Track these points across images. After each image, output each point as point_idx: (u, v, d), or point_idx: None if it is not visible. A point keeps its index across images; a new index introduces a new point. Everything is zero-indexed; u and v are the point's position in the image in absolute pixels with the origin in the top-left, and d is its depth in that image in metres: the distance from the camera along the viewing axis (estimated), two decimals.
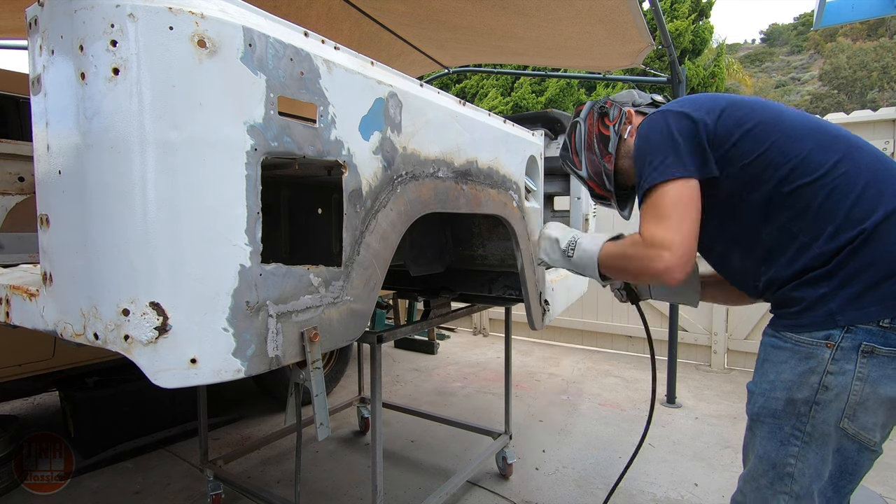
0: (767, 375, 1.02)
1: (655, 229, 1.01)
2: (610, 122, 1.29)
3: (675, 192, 1.02)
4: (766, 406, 1.01)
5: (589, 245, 1.27)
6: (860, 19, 3.83)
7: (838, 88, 32.27)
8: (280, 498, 1.93)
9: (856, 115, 3.73)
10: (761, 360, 1.06)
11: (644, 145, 1.09)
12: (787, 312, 1.00)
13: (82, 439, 2.52)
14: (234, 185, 0.72)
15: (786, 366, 0.98)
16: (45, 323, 0.82)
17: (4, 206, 1.54)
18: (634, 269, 1.08)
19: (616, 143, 1.27)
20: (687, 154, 1.03)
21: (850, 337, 0.91)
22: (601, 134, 1.31)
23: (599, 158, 1.31)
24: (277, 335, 0.79)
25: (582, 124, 1.36)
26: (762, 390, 1.02)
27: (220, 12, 0.71)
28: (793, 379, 0.97)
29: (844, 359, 0.91)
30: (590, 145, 1.33)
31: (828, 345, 0.93)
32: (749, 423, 1.07)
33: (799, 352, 0.96)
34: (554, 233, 1.43)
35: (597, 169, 1.33)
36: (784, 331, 1.00)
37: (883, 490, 2.26)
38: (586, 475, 2.43)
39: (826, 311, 0.93)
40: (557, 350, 4.84)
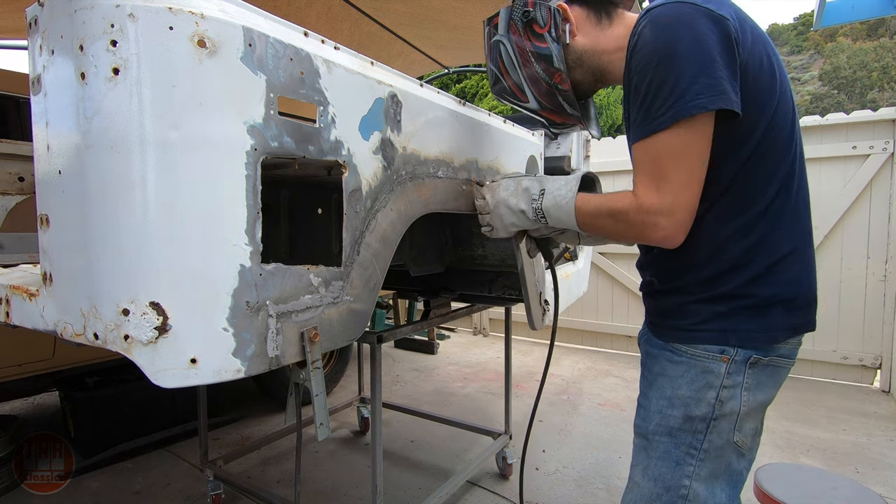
0: (663, 391, 0.94)
1: (655, 194, 0.83)
2: (541, 28, 1.00)
3: (689, 136, 0.81)
4: (661, 424, 0.94)
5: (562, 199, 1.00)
6: (860, 19, 3.83)
7: (838, 88, 32.26)
8: (280, 498, 1.93)
9: (856, 115, 3.73)
10: (655, 373, 0.97)
11: (660, 58, 0.80)
12: (677, 324, 0.93)
13: (82, 439, 2.52)
14: (234, 185, 0.72)
15: (681, 380, 0.92)
16: (45, 323, 0.82)
17: (4, 206, 1.54)
18: (627, 235, 0.91)
19: (561, 53, 1.00)
20: (726, 75, 0.79)
21: (743, 352, 0.88)
22: (537, 49, 1.02)
23: (548, 80, 1.03)
24: (277, 335, 0.79)
25: (506, 42, 1.06)
26: (658, 407, 0.95)
27: (220, 12, 0.71)
28: (690, 395, 0.91)
29: (737, 372, 0.89)
30: (528, 67, 1.04)
31: (723, 359, 0.89)
32: (640, 441, 0.99)
33: (695, 366, 0.91)
34: (513, 190, 1.10)
35: (549, 94, 1.06)
36: (676, 343, 0.94)
37: (883, 490, 2.26)
38: (586, 475, 2.43)
39: (720, 328, 0.89)
40: (557, 350, 4.84)
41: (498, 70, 1.10)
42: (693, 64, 0.78)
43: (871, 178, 3.63)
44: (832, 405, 3.35)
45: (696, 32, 0.79)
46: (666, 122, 0.81)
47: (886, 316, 3.61)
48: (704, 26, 0.79)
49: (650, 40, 0.82)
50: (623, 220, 0.89)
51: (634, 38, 0.85)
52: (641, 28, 0.84)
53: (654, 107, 0.82)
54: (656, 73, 0.81)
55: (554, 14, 0.99)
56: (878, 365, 3.66)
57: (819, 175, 3.80)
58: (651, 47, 0.82)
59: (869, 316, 3.69)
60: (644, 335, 1.06)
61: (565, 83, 1.03)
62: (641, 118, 0.84)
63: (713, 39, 0.79)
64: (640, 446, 0.99)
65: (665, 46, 0.80)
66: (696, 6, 0.80)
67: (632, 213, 0.87)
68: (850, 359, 3.74)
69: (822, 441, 2.82)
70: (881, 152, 3.59)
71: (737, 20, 0.83)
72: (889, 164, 3.59)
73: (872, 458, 2.60)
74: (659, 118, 0.81)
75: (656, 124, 0.82)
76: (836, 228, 3.77)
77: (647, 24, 0.83)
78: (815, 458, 2.62)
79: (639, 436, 0.99)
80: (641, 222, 0.86)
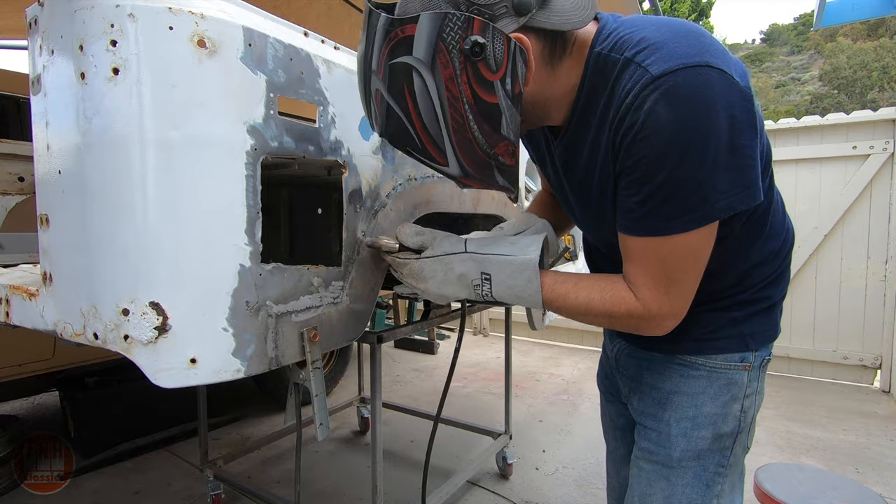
0: (684, 411, 0.85)
1: (664, 299, 0.72)
2: (493, 73, 0.63)
3: (708, 236, 0.70)
4: (688, 448, 0.84)
5: (521, 291, 0.80)
6: (860, 19, 3.84)
7: (838, 88, 32.29)
8: (280, 498, 1.93)
9: (856, 115, 3.73)
10: (666, 391, 0.87)
11: (684, 151, 0.62)
12: (688, 334, 0.84)
13: (82, 439, 2.52)
14: (234, 185, 0.72)
15: (704, 397, 0.84)
16: (45, 323, 0.82)
17: (4, 206, 1.54)
18: (616, 327, 0.80)
19: (516, 113, 0.67)
20: (754, 163, 0.66)
21: (758, 355, 0.85)
22: (479, 102, 0.65)
23: (487, 150, 0.69)
24: (277, 335, 0.79)
25: (426, 77, 0.64)
26: (681, 430, 0.85)
27: (220, 12, 0.71)
28: (717, 411, 0.83)
29: (754, 378, 0.85)
30: (460, 126, 0.67)
31: (745, 367, 0.84)
32: (657, 469, 0.87)
33: (717, 378, 0.84)
34: (442, 279, 0.85)
35: (482, 166, 0.72)
36: (688, 354, 0.85)
37: (883, 490, 2.26)
38: (586, 475, 2.42)
39: (739, 334, 0.84)
40: (557, 350, 4.84)
41: (402, 109, 0.67)
42: (723, 158, 0.63)
43: (871, 178, 3.63)
44: (832, 405, 3.35)
45: (726, 115, 0.62)
46: (687, 225, 0.67)
47: (886, 316, 3.61)
48: (736, 106, 0.62)
49: (666, 125, 0.62)
50: (622, 322, 0.77)
51: (637, 111, 0.64)
52: (651, 103, 0.62)
53: (669, 206, 0.66)
54: (676, 169, 0.63)
55: (514, 54, 0.63)
56: (878, 365, 3.66)
57: (819, 175, 3.80)
58: (669, 136, 0.62)
59: (869, 316, 3.69)
60: (626, 351, 0.97)
61: (512, 157, 0.71)
62: (645, 212, 0.68)
63: (742, 120, 0.63)
64: (657, 474, 0.87)
65: (688, 138, 0.62)
66: (722, 73, 0.62)
67: (636, 318, 0.75)
68: (850, 359, 3.74)
69: (822, 441, 2.81)
70: (881, 152, 3.59)
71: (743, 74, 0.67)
72: (889, 164, 3.59)
73: (872, 458, 2.60)
74: (677, 219, 0.66)
75: (673, 226, 0.67)
76: (836, 228, 3.77)
77: (660, 100, 0.62)
78: (815, 458, 2.62)
79: (655, 463, 0.87)
80: (646, 326, 0.76)
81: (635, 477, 0.91)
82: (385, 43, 0.64)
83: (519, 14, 0.64)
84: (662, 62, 0.62)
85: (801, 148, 3.87)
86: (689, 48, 0.63)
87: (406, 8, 0.65)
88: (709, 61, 0.62)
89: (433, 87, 0.64)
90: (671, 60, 0.62)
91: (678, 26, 0.67)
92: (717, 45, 0.66)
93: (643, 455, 0.90)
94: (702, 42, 0.64)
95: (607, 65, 0.69)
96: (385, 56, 0.64)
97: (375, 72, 0.67)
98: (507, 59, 0.63)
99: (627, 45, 0.67)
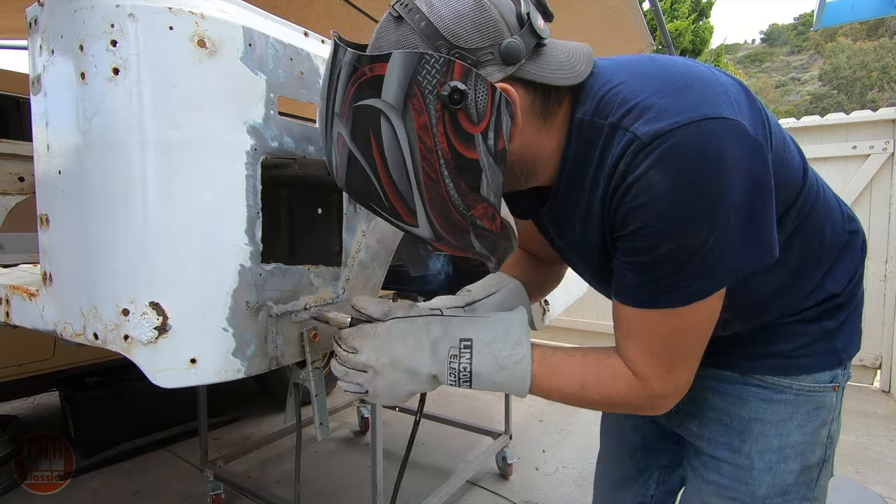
0: (768, 442, 0.75)
1: (667, 377, 0.65)
2: (474, 125, 0.55)
3: (711, 309, 0.63)
4: (775, 484, 0.75)
5: (509, 360, 0.68)
6: (860, 19, 3.84)
7: (838, 88, 32.28)
8: (280, 498, 1.93)
9: (856, 115, 3.73)
10: (744, 419, 0.77)
11: (685, 221, 0.56)
12: (775, 350, 0.75)
13: (82, 439, 2.52)
14: (234, 185, 0.72)
15: (790, 424, 0.74)
16: (45, 323, 0.82)
17: (4, 206, 1.54)
18: (614, 411, 0.74)
19: (499, 172, 0.59)
20: (766, 220, 0.60)
21: (846, 372, 0.77)
22: (457, 156, 0.56)
23: (462, 211, 0.60)
24: (277, 335, 0.79)
25: (394, 121, 0.55)
26: (766, 464, 0.75)
27: (220, 12, 0.71)
28: (805, 440, 0.74)
29: (840, 398, 0.77)
30: (433, 182, 0.57)
31: (833, 388, 0.75)
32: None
33: (805, 403, 0.74)
34: (414, 343, 0.69)
35: (456, 229, 0.62)
36: (771, 376, 0.75)
37: (883, 490, 2.26)
38: (586, 475, 2.42)
39: (831, 350, 0.74)
40: None
41: (368, 161, 0.57)
42: (730, 222, 0.56)
43: (871, 178, 3.63)
44: None
45: (731, 174, 0.55)
46: (691, 297, 0.60)
47: (886, 316, 3.61)
48: (740, 162, 0.55)
49: (665, 193, 0.55)
50: (620, 406, 0.68)
51: (631, 180, 0.57)
52: (645, 169, 0.56)
53: (674, 277, 0.59)
54: (681, 239, 0.57)
55: (498, 105, 0.56)
56: (878, 365, 3.66)
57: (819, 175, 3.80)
58: (669, 204, 0.55)
59: (869, 316, 3.68)
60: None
61: (492, 221, 0.62)
62: (646, 282, 0.62)
63: (751, 176, 0.57)
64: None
65: (691, 201, 0.55)
66: (724, 121, 0.55)
67: (635, 400, 0.67)
68: None
69: None
70: (881, 152, 3.59)
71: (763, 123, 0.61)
72: (889, 164, 3.59)
73: (872, 458, 2.60)
74: (682, 291, 0.60)
75: (675, 297, 0.61)
76: None
77: (655, 166, 0.55)
78: None
79: (731, 500, 0.78)
80: (648, 407, 0.68)
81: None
82: (351, 82, 0.55)
83: (507, 63, 0.57)
84: (651, 123, 0.56)
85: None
86: (680, 103, 0.56)
87: (378, 45, 0.58)
88: (706, 113, 0.55)
89: (403, 135, 0.55)
90: (661, 120, 0.55)
91: (663, 74, 0.60)
92: (715, 85, 0.59)
93: (714, 490, 0.80)
94: (693, 90, 0.57)
95: (592, 131, 0.62)
96: (350, 97, 0.55)
97: (338, 114, 0.57)
98: (490, 110, 0.55)
99: (610, 108, 0.60)
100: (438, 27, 0.55)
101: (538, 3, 0.61)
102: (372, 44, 0.59)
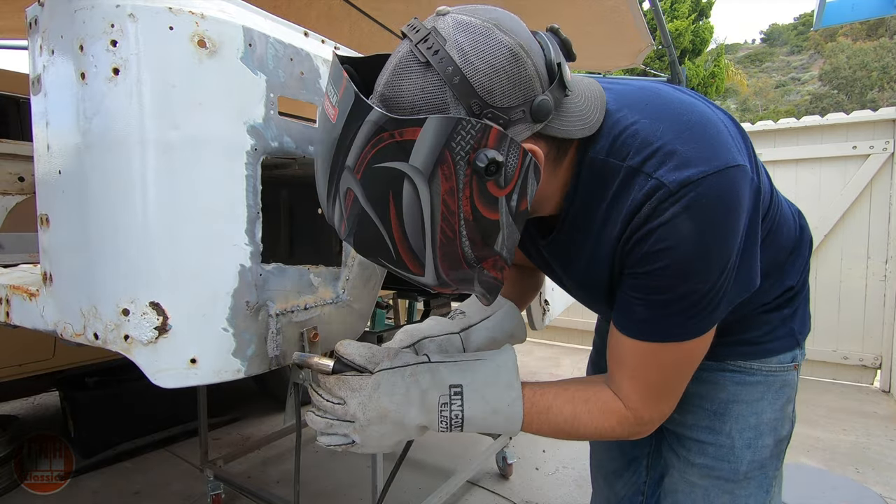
0: (745, 420, 0.82)
1: (655, 405, 0.68)
2: (501, 189, 0.54)
3: (705, 342, 0.67)
4: (755, 459, 0.82)
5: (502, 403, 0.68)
6: (860, 19, 3.84)
7: (838, 88, 32.29)
8: (280, 498, 1.93)
9: (856, 115, 3.72)
10: (723, 401, 0.83)
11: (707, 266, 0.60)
12: (743, 338, 0.82)
13: (82, 439, 2.52)
14: (234, 185, 0.72)
15: (763, 403, 0.82)
16: (45, 323, 0.82)
17: (4, 206, 1.54)
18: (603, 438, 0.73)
19: (516, 230, 0.59)
20: (753, 266, 0.67)
21: (802, 351, 0.84)
22: (479, 217, 0.55)
23: (472, 263, 0.59)
24: (277, 335, 0.79)
25: (418, 185, 0.52)
26: (745, 441, 0.81)
27: (220, 12, 0.71)
28: (776, 416, 0.82)
29: (798, 374, 0.85)
30: (448, 241, 0.55)
31: (794, 367, 0.83)
32: (720, 485, 0.83)
33: (774, 383, 0.82)
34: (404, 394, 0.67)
35: (464, 280, 0.61)
36: (743, 360, 0.82)
37: (883, 490, 2.26)
38: (586, 475, 2.41)
39: (789, 332, 0.82)
40: (557, 350, 4.84)
41: (382, 221, 0.54)
42: (738, 260, 0.62)
43: (871, 178, 3.63)
44: (832, 405, 3.35)
45: (740, 218, 0.60)
46: (702, 330, 0.65)
47: (886, 316, 3.61)
48: (751, 200, 0.62)
49: (692, 235, 0.58)
50: (609, 436, 0.70)
51: (658, 227, 0.58)
52: (672, 215, 0.57)
53: (685, 314, 0.63)
54: (700, 281, 0.60)
55: (527, 168, 0.55)
56: (878, 365, 3.66)
57: (819, 175, 3.80)
58: (696, 247, 0.58)
59: (869, 316, 3.69)
60: None
61: (499, 270, 0.61)
62: (652, 317, 0.64)
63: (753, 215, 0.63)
64: (720, 489, 0.83)
65: (717, 247, 0.59)
66: (741, 169, 0.59)
67: (626, 429, 0.69)
68: (850, 359, 3.74)
69: (822, 441, 2.81)
70: (881, 152, 3.59)
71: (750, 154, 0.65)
72: (889, 164, 3.59)
73: (872, 458, 2.60)
74: (692, 326, 0.64)
75: (682, 332, 0.64)
76: (836, 228, 3.76)
77: (683, 213, 0.57)
78: (815, 458, 2.62)
79: (716, 479, 0.83)
80: (636, 434, 0.71)
81: (685, 494, 0.86)
82: (373, 142, 0.50)
83: (535, 121, 0.55)
84: (677, 171, 0.57)
85: (800, 148, 3.87)
86: (701, 150, 0.58)
87: (398, 90, 0.53)
88: (727, 162, 0.58)
89: (427, 199, 0.52)
90: (687, 169, 0.57)
91: (671, 116, 0.62)
92: (719, 125, 0.61)
93: (698, 472, 0.84)
94: (705, 134, 0.59)
95: (606, 171, 0.63)
96: (370, 157, 0.51)
97: (351, 168, 0.53)
98: (518, 174, 0.54)
99: (627, 150, 0.61)
100: (473, 83, 0.51)
101: (563, 46, 0.60)
102: (388, 84, 0.54)
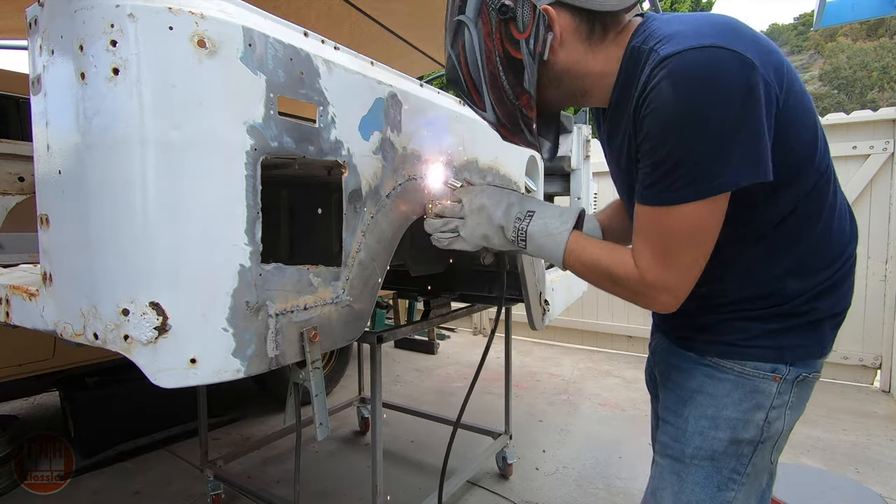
0: (703, 410, 0.86)
1: (660, 271, 0.76)
2: (519, 33, 0.77)
3: (707, 214, 0.72)
4: (702, 447, 0.86)
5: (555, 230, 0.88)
6: (860, 19, 3.84)
7: (838, 88, 32.29)
8: (280, 498, 1.93)
9: (856, 115, 3.73)
10: (690, 390, 0.88)
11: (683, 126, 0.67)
12: (721, 339, 0.86)
13: (82, 439, 2.52)
14: (234, 185, 0.72)
15: (727, 400, 0.84)
16: (45, 323, 0.82)
17: (4, 206, 1.54)
18: (620, 296, 0.84)
19: (535, 72, 0.79)
20: (758, 139, 0.68)
21: (794, 370, 0.84)
22: (509, 56, 0.79)
23: (512, 99, 0.83)
24: (277, 335, 0.79)
25: (472, 29, 0.81)
26: (698, 428, 0.86)
27: (220, 12, 0.71)
28: (738, 416, 0.84)
29: (785, 391, 0.84)
30: (493, 76, 0.82)
31: (775, 378, 0.83)
32: (669, 463, 0.89)
33: (743, 385, 0.84)
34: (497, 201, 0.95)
35: (509, 113, 0.85)
36: (718, 358, 0.86)
37: (883, 490, 2.26)
38: (586, 475, 2.42)
39: (775, 345, 0.83)
40: (557, 350, 4.84)
41: (456, 58, 0.85)
42: (722, 133, 0.66)
43: (871, 178, 3.63)
44: (832, 405, 3.35)
45: (727, 92, 0.65)
46: (684, 197, 0.70)
47: (886, 316, 3.61)
48: (736, 83, 0.65)
49: (670, 101, 0.67)
50: (621, 286, 0.82)
51: (648, 90, 0.70)
52: (658, 80, 0.68)
53: (671, 177, 0.70)
54: (678, 142, 0.68)
55: (538, 20, 0.75)
56: (878, 365, 3.66)
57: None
58: (672, 110, 0.67)
59: (869, 316, 3.69)
60: (662, 346, 0.99)
61: (532, 109, 0.82)
62: (652, 182, 0.73)
63: (745, 97, 0.66)
64: (669, 468, 0.90)
65: (689, 113, 0.66)
66: (726, 51, 0.65)
67: (632, 284, 0.80)
68: (850, 359, 3.74)
69: (822, 441, 2.82)
70: (881, 152, 3.59)
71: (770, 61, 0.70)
72: (889, 164, 3.59)
73: (872, 458, 2.60)
74: (676, 191, 0.71)
75: (672, 196, 0.71)
76: None
77: (665, 78, 0.67)
78: (815, 458, 2.62)
79: (667, 457, 0.90)
80: (642, 294, 0.80)
81: (653, 471, 0.94)
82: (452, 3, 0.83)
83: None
84: (672, 46, 0.68)
85: None
86: (704, 34, 0.67)
87: None
88: (717, 43, 0.66)
89: (477, 41, 0.81)
90: (680, 44, 0.68)
91: (710, 19, 0.72)
92: (744, 34, 0.70)
93: (660, 449, 0.93)
94: (720, 30, 0.68)
95: (639, 56, 0.75)
96: (451, 14, 0.83)
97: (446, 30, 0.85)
98: (532, 23, 0.76)
99: (655, 38, 0.73)
100: None
101: None
102: None
